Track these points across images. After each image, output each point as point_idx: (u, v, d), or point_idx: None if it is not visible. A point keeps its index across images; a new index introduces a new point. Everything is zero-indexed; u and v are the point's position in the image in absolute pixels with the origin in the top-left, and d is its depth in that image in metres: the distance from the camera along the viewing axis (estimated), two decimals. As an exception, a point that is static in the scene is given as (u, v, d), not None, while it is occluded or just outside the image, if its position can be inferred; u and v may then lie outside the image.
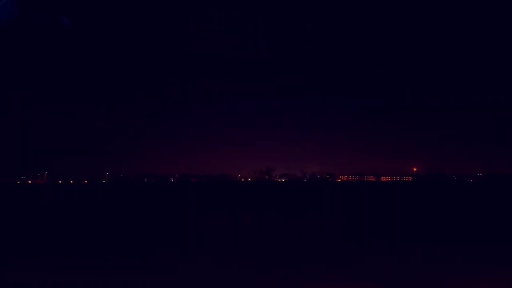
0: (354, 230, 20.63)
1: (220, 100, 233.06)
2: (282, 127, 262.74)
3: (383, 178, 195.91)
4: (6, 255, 14.67)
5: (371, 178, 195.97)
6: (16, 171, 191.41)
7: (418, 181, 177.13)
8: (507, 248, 15.35)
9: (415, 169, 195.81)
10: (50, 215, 31.85)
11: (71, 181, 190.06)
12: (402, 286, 10.41)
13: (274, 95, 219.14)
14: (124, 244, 16.93)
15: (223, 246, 16.14)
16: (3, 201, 54.78)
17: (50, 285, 10.43)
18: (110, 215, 31.37)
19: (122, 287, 10.47)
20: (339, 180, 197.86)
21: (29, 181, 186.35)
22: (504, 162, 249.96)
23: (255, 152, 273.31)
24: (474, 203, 39.50)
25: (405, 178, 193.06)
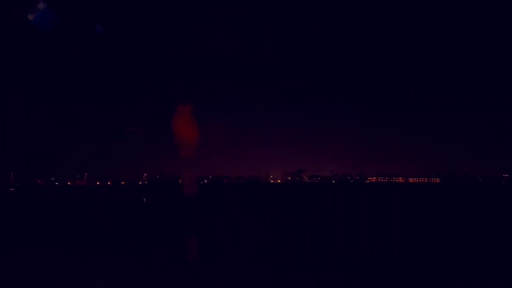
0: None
1: (235, 101, 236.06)
2: (309, 129, 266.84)
3: (411, 180, 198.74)
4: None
5: (400, 179, 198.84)
6: (54, 173, 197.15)
7: (448, 183, 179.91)
8: None
9: (440, 171, 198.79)
10: (100, 216, 33.39)
11: (108, 182, 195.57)
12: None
13: (278, 97, 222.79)
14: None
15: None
16: (46, 202, 55.73)
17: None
18: (149, 215, 32.68)
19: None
20: (368, 181, 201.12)
21: (68, 183, 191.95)
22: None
23: (285, 154, 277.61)
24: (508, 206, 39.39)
25: (433, 180, 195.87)
